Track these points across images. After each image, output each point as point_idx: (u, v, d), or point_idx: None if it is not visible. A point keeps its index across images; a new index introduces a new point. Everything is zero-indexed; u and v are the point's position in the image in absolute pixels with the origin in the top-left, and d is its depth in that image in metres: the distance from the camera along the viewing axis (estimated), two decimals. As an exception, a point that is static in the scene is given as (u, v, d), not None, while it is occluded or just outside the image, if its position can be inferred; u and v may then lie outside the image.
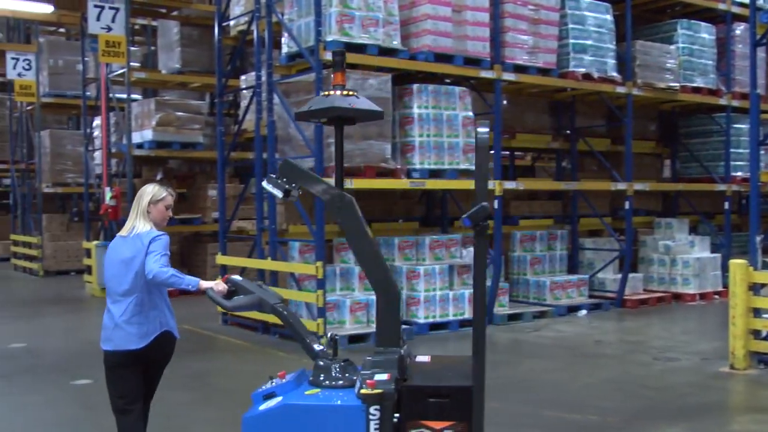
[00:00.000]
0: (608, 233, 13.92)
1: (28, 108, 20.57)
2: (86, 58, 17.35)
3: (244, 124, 12.15)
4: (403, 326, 10.48)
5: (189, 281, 4.60)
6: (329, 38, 9.91)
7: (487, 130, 3.72)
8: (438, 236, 11.61)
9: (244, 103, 12.48)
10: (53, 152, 19.45)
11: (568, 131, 14.25)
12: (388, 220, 12.38)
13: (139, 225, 4.85)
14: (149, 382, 4.92)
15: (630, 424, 6.77)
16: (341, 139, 4.59)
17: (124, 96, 14.97)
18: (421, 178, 10.69)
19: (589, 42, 12.33)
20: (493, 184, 11.44)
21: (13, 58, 18.79)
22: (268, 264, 10.79)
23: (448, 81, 11.56)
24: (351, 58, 10.03)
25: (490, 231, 2.98)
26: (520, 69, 11.67)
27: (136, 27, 19.08)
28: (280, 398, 4.05)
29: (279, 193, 4.53)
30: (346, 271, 10.83)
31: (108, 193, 14.56)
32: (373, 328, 10.31)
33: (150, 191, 4.93)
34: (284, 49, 10.84)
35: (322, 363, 4.20)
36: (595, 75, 12.37)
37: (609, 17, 12.63)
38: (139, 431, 4.79)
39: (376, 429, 3.83)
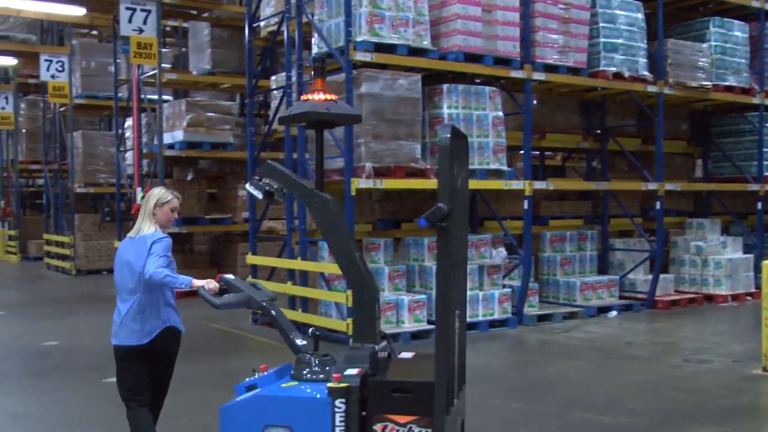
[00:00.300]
0: (639, 234, 13.82)
1: (61, 109, 20.80)
2: (118, 60, 17.51)
3: (274, 124, 12.20)
4: (433, 326, 10.52)
5: (182, 280, 4.83)
6: (359, 38, 9.93)
7: (449, 132, 3.76)
8: (468, 236, 11.57)
9: (274, 104, 12.54)
10: (85, 153, 19.69)
11: (599, 131, 14.18)
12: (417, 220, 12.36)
13: (144, 227, 5.09)
14: (159, 377, 5.15)
15: (661, 426, 6.73)
16: (321, 142, 4.84)
17: (156, 97, 15.11)
18: (450, 178, 10.65)
19: (620, 41, 12.25)
20: (523, 184, 11.41)
21: (46, 60, 19.01)
22: (297, 264, 10.83)
23: (478, 81, 11.54)
24: (381, 58, 10.09)
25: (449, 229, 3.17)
26: (550, 68, 11.63)
27: (168, 29, 19.24)
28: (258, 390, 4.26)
29: (259, 195, 4.74)
30: (375, 271, 10.83)
31: (139, 193, 14.67)
32: (402, 328, 10.34)
33: (156, 194, 5.16)
34: (314, 50, 10.87)
35: (302, 357, 4.37)
36: (626, 74, 12.30)
37: (640, 16, 12.54)
38: (146, 421, 5.02)
39: (341, 421, 3.99)
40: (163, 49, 16.16)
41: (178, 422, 4.90)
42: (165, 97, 15.97)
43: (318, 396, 4.09)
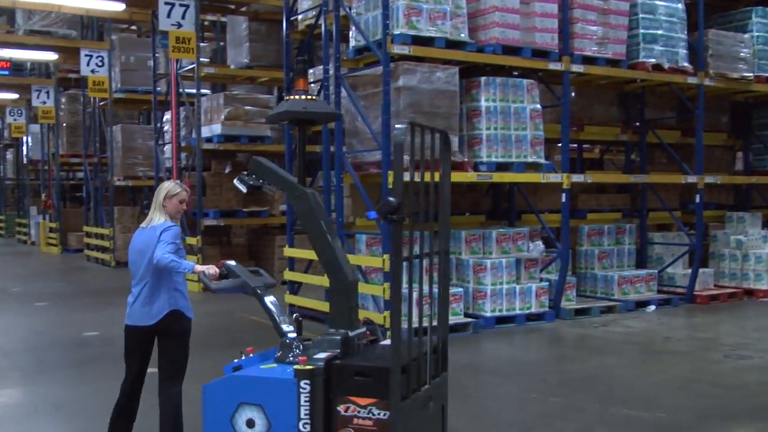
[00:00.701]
0: (678, 227, 13.68)
1: (101, 103, 21.06)
2: (157, 55, 17.69)
3: (311, 117, 12.22)
4: (470, 319, 10.55)
5: (186, 266, 5.17)
6: (397, 31, 9.92)
7: (403, 128, 3.93)
8: (505, 229, 11.55)
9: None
10: (125, 146, 19.91)
11: (638, 123, 14.04)
12: (454, 213, 12.32)
13: (155, 217, 5.43)
14: (167, 356, 5.41)
15: (700, 423, 6.67)
16: (302, 138, 5.29)
17: (194, 91, 15.24)
18: (488, 171, 10.65)
19: (660, 32, 12.12)
20: (560, 177, 11.35)
21: (86, 55, 19.26)
22: (335, 256, 10.84)
23: (515, 73, 11.49)
24: (418, 51, 10.07)
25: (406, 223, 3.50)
26: (588, 60, 11.54)
27: (206, 23, 19.38)
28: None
29: (243, 189, 5.29)
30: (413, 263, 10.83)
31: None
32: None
33: (166, 187, 5.50)
34: (352, 43, 10.90)
35: (285, 341, 4.65)
36: (666, 65, 12.17)
37: (680, 6, 12.39)
38: (134, 391, 5.46)
39: (306, 401, 4.24)
40: (202, 44, 16.27)
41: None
42: (203, 90, 16.09)
43: (285, 377, 4.33)
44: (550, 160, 11.98)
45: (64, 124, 23.85)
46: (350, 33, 10.94)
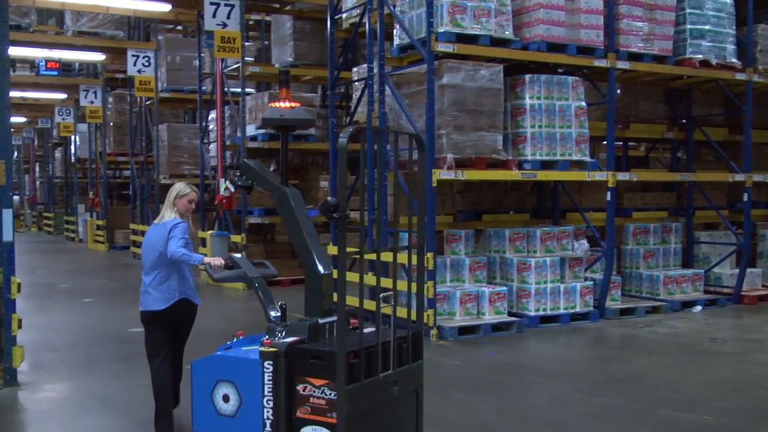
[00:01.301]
0: (725, 226, 13.49)
1: (147, 103, 21.33)
2: (202, 54, 17.86)
3: (355, 115, 12.27)
4: (514, 318, 10.51)
5: (196, 258, 5.87)
6: (441, 29, 9.92)
7: (345, 139, 4.33)
8: (549, 228, 11.49)
9: (355, 95, 12.61)
10: (170, 145, 20.15)
11: (684, 120, 13.86)
12: (498, 211, 12.31)
13: (167, 215, 6.08)
14: (177, 338, 6.26)
15: (747, 426, 6.59)
16: (285, 142, 5.86)
17: (239, 90, 15.36)
18: (532, 170, 10.60)
19: (708, 27, 11.95)
20: (605, 176, 11.26)
21: (133, 56, 19.51)
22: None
23: (560, 70, 11.41)
24: (462, 49, 10.06)
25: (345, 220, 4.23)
26: (634, 57, 11.43)
27: (250, 22, 19.50)
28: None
29: (232, 188, 6.25)
30: (456, 262, 10.84)
31: (222, 185, 14.93)
32: (483, 320, 10.33)
33: (177, 188, 6.15)
34: (396, 41, 10.91)
35: (270, 326, 5.04)
36: (714, 62, 12.01)
37: (729, 1, 12.21)
38: (164, 372, 6.12)
39: (269, 380, 4.74)
40: (246, 43, 16.38)
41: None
42: (248, 89, 16.21)
43: (252, 358, 4.84)
44: (595, 158, 11.88)
45: (111, 124, 24.21)
46: (394, 31, 10.95)
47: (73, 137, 29.13)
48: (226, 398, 5.01)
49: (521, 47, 10.61)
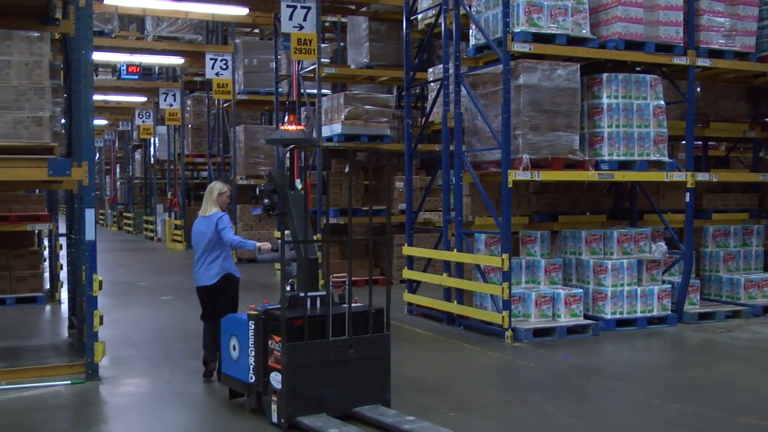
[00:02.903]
0: (811, 229, 13.09)
1: (225, 105, 21.71)
2: (279, 56, 18.08)
3: (431, 116, 12.30)
4: (590, 321, 10.37)
5: (250, 244, 7.67)
6: (517, 29, 9.87)
7: (289, 151, 6.86)
8: (627, 230, 11.30)
9: (431, 96, 12.63)
10: (247, 146, 20.43)
11: (767, 119, 13.50)
12: (574, 212, 12.17)
13: (210, 209, 7.73)
14: (224, 306, 7.67)
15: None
16: (292, 155, 7.29)
17: (315, 91, 15.50)
18: (609, 170, 10.46)
19: (793, 24, 11.63)
20: (684, 176, 11.05)
21: (211, 59, 19.89)
22: (453, 255, 10.88)
23: (638, 69, 11.21)
24: (539, 48, 10.00)
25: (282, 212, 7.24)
26: (715, 54, 11.18)
27: (327, 24, 19.69)
28: None
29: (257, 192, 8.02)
30: (532, 263, 10.76)
31: (298, 185, 15.06)
32: (558, 322, 10.24)
33: (217, 187, 7.82)
34: (472, 41, 10.89)
35: (282, 298, 6.52)
36: (799, 59, 11.67)
37: (815, -5, 11.86)
38: (210, 331, 7.81)
39: (252, 336, 6.51)
40: (322, 44, 16.54)
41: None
42: (324, 90, 16.35)
43: (244, 318, 6.58)
44: (673, 158, 11.66)
45: (190, 126, 24.71)
46: (470, 31, 10.93)
47: (152, 139, 29.83)
48: (234, 348, 6.79)
49: (598, 46, 10.48)
